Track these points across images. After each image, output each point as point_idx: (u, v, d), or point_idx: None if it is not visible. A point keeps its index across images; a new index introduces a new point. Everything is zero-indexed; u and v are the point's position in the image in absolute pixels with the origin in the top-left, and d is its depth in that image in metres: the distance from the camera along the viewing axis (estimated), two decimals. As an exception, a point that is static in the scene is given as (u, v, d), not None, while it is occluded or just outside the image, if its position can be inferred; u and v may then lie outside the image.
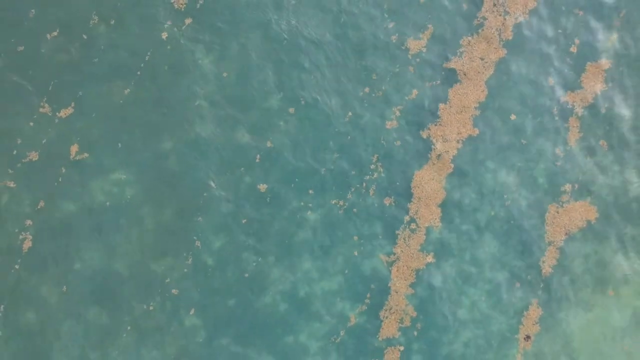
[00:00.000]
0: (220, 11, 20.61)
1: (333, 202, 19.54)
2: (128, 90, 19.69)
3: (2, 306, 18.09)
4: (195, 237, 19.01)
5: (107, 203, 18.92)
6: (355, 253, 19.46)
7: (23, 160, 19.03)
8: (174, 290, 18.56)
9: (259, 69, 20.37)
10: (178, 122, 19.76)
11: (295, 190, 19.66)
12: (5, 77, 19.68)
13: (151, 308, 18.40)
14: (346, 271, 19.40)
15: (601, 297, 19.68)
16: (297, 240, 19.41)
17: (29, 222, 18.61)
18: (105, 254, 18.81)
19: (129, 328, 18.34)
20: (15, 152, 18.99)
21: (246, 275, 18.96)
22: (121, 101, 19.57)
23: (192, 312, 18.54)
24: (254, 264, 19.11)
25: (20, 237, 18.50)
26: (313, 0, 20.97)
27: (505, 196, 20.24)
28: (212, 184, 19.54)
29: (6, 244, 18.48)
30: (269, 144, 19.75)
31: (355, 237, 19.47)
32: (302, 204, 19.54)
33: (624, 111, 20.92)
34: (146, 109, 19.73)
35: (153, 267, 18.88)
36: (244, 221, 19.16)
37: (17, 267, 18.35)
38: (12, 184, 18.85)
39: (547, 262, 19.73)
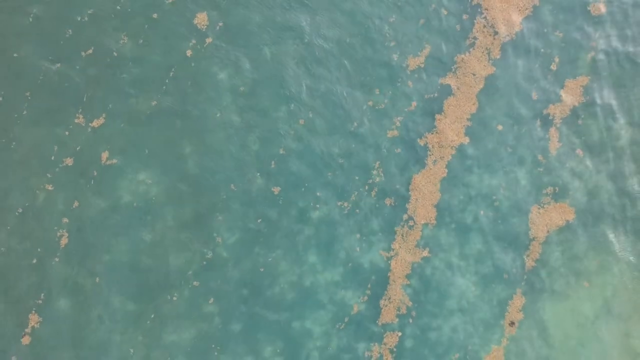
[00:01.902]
0: (237, 32, 21.01)
1: (339, 204, 19.92)
2: (155, 102, 20.11)
3: (43, 294, 18.51)
4: (215, 234, 19.33)
5: (135, 204, 19.40)
6: (357, 249, 19.75)
7: (60, 165, 19.51)
8: (195, 282, 18.90)
9: (271, 84, 20.67)
10: (199, 131, 20.07)
11: (305, 193, 19.97)
12: (44, 90, 20.10)
13: (175, 298, 18.77)
14: (349, 264, 19.64)
15: (575, 288, 19.82)
16: (304, 236, 19.73)
17: (65, 220, 19.08)
18: (133, 248, 19.18)
19: (152, 315, 18.69)
20: (52, 158, 19.50)
21: (262, 269, 19.29)
22: (148, 112, 20.02)
23: (211, 301, 18.82)
24: (269, 258, 19.45)
25: (58, 233, 18.98)
26: (320, 23, 21.37)
27: (493, 197, 20.44)
28: (232, 187, 19.85)
29: (46, 240, 18.94)
30: (281, 151, 20.11)
31: (358, 235, 19.79)
32: (310, 204, 19.86)
33: (598, 122, 21.14)
34: (170, 119, 20.09)
35: (175, 260, 19.17)
36: (259, 221, 19.55)
37: (56, 259, 18.81)
38: (50, 187, 19.28)
39: (531, 256, 19.94)
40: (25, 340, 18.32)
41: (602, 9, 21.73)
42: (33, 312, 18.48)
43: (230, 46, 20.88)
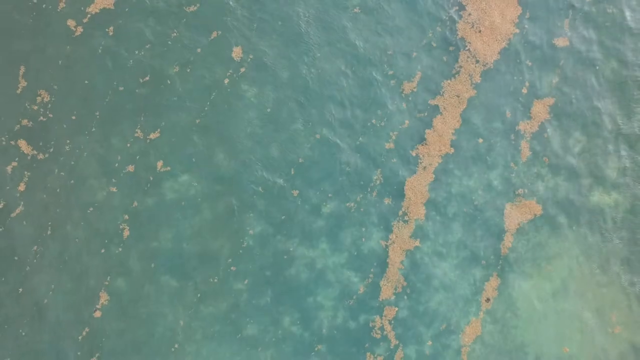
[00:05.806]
0: (265, 63, 22.28)
1: (347, 205, 21.16)
2: (198, 120, 21.51)
3: (109, 277, 20.11)
4: (248, 227, 20.56)
5: (183, 203, 20.66)
6: (363, 239, 20.92)
7: (123, 172, 20.92)
8: (232, 267, 20.18)
9: (293, 106, 21.82)
10: (232, 143, 21.27)
11: (318, 194, 21.16)
12: (110, 110, 21.53)
13: (215, 280, 20.06)
14: (355, 252, 20.78)
15: (539, 270, 20.90)
16: (317, 227, 20.86)
17: (126, 216, 20.58)
18: (177, 236, 20.42)
19: (199, 295, 19.94)
20: (117, 165, 20.98)
21: (285, 257, 20.45)
22: (193, 127, 21.45)
23: (245, 282, 20.05)
24: (290, 248, 20.74)
25: (121, 227, 20.51)
26: (330, 54, 22.46)
27: (472, 197, 21.53)
28: (260, 189, 21.22)
29: (111, 233, 20.49)
30: (300, 160, 21.44)
31: (363, 229, 20.97)
32: (322, 203, 21.12)
33: (559, 135, 22.27)
34: (210, 132, 21.30)
35: (212, 247, 20.27)
36: (283, 217, 20.83)
37: (120, 249, 20.37)
38: (114, 189, 20.79)
39: (505, 245, 21.07)
40: (97, 314, 19.89)
41: (566, 42, 22.85)
42: (103, 290, 20.02)
43: (259, 75, 21.98)
